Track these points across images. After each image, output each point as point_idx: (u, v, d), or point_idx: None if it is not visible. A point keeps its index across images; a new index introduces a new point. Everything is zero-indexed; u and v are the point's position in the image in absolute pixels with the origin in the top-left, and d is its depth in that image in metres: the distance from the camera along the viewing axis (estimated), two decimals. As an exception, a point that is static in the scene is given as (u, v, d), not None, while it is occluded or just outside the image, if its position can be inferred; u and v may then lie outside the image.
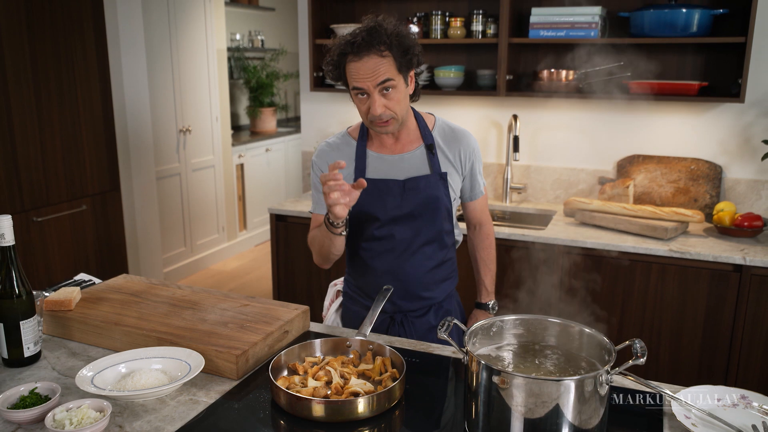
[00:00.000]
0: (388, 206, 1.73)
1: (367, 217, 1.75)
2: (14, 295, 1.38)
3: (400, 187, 1.72)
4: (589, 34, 2.77)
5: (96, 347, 1.53)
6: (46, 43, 3.25)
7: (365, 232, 1.77)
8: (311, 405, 1.21)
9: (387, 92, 1.60)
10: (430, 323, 1.81)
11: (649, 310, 2.56)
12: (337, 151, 1.78)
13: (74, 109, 3.44)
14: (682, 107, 2.92)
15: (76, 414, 1.15)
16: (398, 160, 1.75)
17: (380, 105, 1.60)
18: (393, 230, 1.74)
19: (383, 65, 1.58)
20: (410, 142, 1.76)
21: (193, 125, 4.87)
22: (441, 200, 1.75)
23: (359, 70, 1.58)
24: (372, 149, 1.77)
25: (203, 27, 4.89)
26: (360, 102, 1.63)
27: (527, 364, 1.26)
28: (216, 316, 1.58)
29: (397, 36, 1.59)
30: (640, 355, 1.12)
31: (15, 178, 3.16)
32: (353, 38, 1.58)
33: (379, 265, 1.78)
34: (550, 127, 3.18)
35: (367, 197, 1.72)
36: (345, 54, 1.60)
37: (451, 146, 1.78)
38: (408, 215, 1.73)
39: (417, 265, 1.78)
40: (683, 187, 2.92)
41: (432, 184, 1.74)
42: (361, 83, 1.59)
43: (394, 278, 1.77)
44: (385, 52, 1.58)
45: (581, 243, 2.58)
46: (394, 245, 1.75)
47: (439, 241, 1.80)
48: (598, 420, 1.14)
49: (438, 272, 1.82)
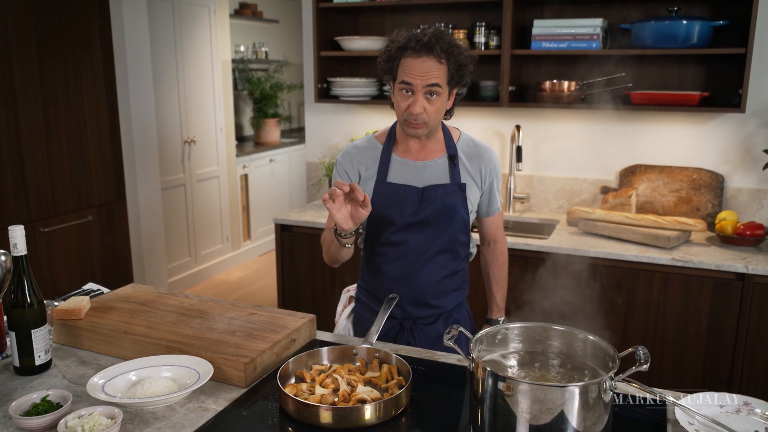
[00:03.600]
0: (405, 212, 1.75)
1: (384, 222, 1.77)
2: (26, 304, 1.41)
3: (419, 194, 1.75)
4: (590, 46, 2.80)
5: (106, 355, 1.55)
6: (54, 56, 3.29)
7: (381, 236, 1.80)
8: (319, 412, 1.23)
9: (431, 97, 1.64)
10: (439, 331, 1.82)
11: (652, 319, 2.57)
12: (363, 152, 1.81)
13: (81, 120, 3.48)
14: (684, 117, 2.94)
15: (88, 421, 1.16)
16: (420, 167, 1.78)
17: (420, 105, 1.64)
18: (407, 236, 1.77)
19: (437, 70, 1.63)
20: (434, 151, 1.80)
21: (198, 136, 4.91)
22: (457, 210, 1.77)
23: (415, 67, 1.62)
24: (397, 153, 1.80)
25: (208, 39, 4.94)
26: (402, 98, 1.67)
27: (532, 371, 1.27)
28: (224, 324, 1.60)
29: (457, 49, 1.65)
30: (644, 361, 1.13)
31: (22, 189, 3.19)
32: (420, 36, 1.63)
33: (392, 270, 1.80)
34: (553, 138, 3.20)
35: (386, 201, 1.75)
36: (405, 48, 1.64)
37: (473, 160, 1.81)
38: (423, 222, 1.76)
39: (429, 273, 1.79)
40: (685, 196, 2.93)
41: (450, 194, 1.76)
42: (412, 79, 1.63)
43: (405, 284, 1.79)
44: (443, 60, 1.63)
45: (584, 252, 2.60)
46: (407, 251, 1.77)
47: (452, 250, 1.81)
48: (602, 426, 1.15)
49: (449, 282, 1.83)
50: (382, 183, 1.77)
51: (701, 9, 2.79)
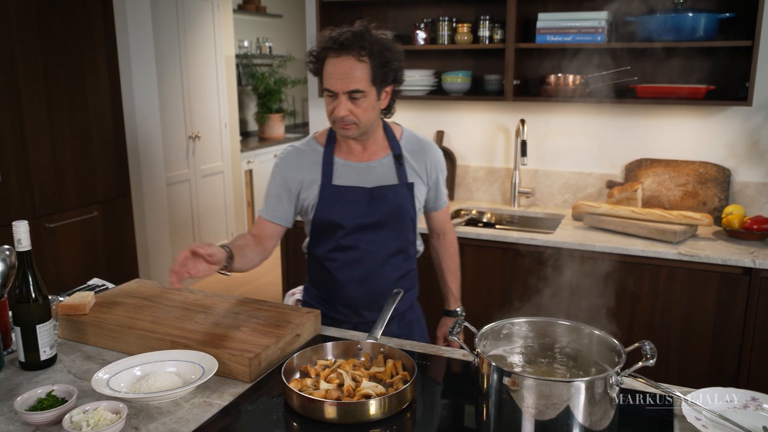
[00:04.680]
0: (353, 214, 1.72)
1: (330, 226, 1.73)
2: (31, 299, 1.41)
3: (367, 195, 1.72)
4: (595, 39, 2.79)
5: (110, 351, 1.55)
6: (58, 51, 3.29)
7: (330, 241, 1.76)
8: (324, 407, 1.23)
9: (355, 99, 1.61)
10: (393, 333, 1.80)
11: (658, 314, 2.56)
12: (303, 155, 1.77)
13: (85, 116, 3.48)
14: (690, 111, 2.93)
15: (92, 416, 1.16)
16: (365, 168, 1.75)
17: (345, 108, 1.61)
18: (359, 240, 1.74)
19: (358, 71, 1.59)
20: (377, 151, 1.77)
21: (202, 132, 4.91)
22: (407, 210, 1.77)
23: (335, 69, 1.60)
24: (339, 156, 1.76)
25: (212, 34, 4.93)
26: (327, 101, 1.65)
27: (537, 366, 1.27)
28: (228, 320, 1.59)
29: (380, 46, 1.61)
30: (650, 356, 1.13)
31: (27, 185, 3.20)
32: (338, 36, 1.60)
33: (347, 275, 1.76)
34: (558, 132, 3.19)
35: (331, 204, 1.71)
36: (327, 49, 1.62)
37: (418, 157, 1.80)
38: (375, 224, 1.73)
39: (384, 276, 1.78)
40: (692, 190, 2.92)
41: (400, 194, 1.75)
42: (332, 86, 1.60)
43: (360, 289, 1.77)
44: (363, 58, 1.59)
45: (590, 247, 2.59)
46: (360, 256, 1.75)
47: (405, 251, 1.82)
48: (608, 422, 1.14)
49: (403, 283, 1.83)
50: (327, 186, 1.72)
51: (707, 1, 2.77)
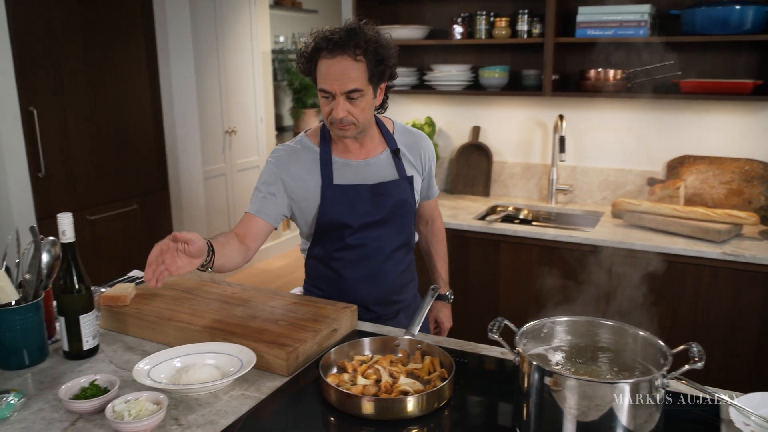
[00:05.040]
0: (359, 212, 1.70)
1: (337, 226, 1.71)
2: (74, 290, 1.43)
3: (370, 193, 1.71)
4: (638, 33, 2.72)
5: (150, 342, 1.57)
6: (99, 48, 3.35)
7: (334, 241, 1.74)
8: (361, 402, 1.22)
9: (353, 99, 1.58)
10: (401, 324, 1.81)
11: (700, 315, 2.50)
12: (298, 155, 1.72)
13: (125, 111, 3.54)
14: (735, 106, 2.84)
15: (134, 406, 1.18)
16: (364, 166, 1.73)
17: (343, 109, 1.57)
18: (365, 237, 1.73)
19: (354, 70, 1.55)
20: (374, 147, 1.75)
21: (239, 126, 4.96)
22: (410, 204, 1.77)
23: (330, 70, 1.55)
24: (337, 155, 1.73)
25: (248, 30, 4.97)
26: (324, 103, 1.61)
27: (579, 366, 1.24)
28: (266, 313, 1.60)
29: (375, 44, 1.57)
30: (698, 359, 1.09)
31: (70, 179, 3.27)
32: (331, 35, 1.55)
33: (354, 274, 1.76)
34: (597, 128, 3.13)
35: (337, 205, 1.69)
36: (320, 49, 1.56)
37: (412, 149, 1.80)
38: (380, 221, 1.72)
39: (390, 270, 1.78)
40: (737, 188, 2.83)
41: (401, 189, 1.74)
42: (329, 86, 1.56)
43: (368, 286, 1.77)
44: (359, 57, 1.55)
45: (630, 245, 2.53)
46: (367, 253, 1.74)
47: (408, 245, 1.82)
48: (653, 425, 1.11)
49: (406, 275, 1.85)
50: (329, 187, 1.69)
51: (756, -7, 2.68)
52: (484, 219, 2.98)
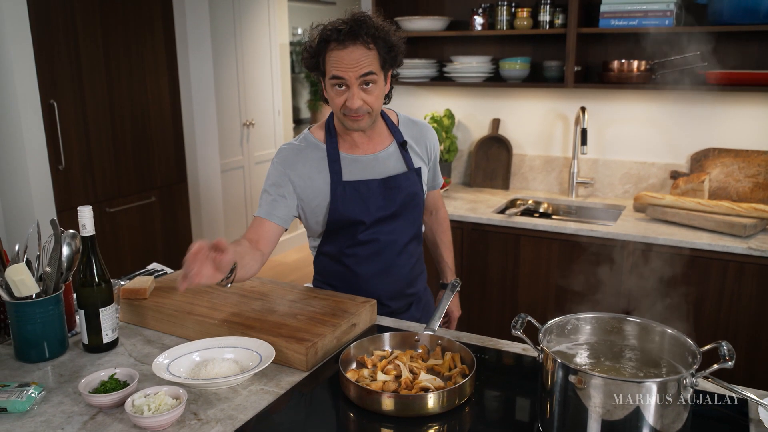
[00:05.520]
0: (372, 208, 1.68)
1: (350, 223, 1.69)
2: (94, 283, 1.43)
3: (381, 187, 1.68)
4: (663, 23, 2.66)
5: (170, 335, 1.57)
6: (119, 41, 3.35)
7: (347, 238, 1.72)
8: (381, 399, 1.21)
9: (367, 87, 1.55)
10: (414, 317, 1.82)
11: (724, 311, 2.45)
12: (304, 153, 1.69)
13: (144, 104, 3.55)
14: (763, 98, 2.77)
15: (154, 400, 1.17)
16: (373, 160, 1.71)
17: (358, 98, 1.54)
18: (378, 232, 1.71)
19: (368, 58, 1.53)
20: (382, 140, 1.73)
21: (256, 119, 4.96)
22: (419, 196, 1.76)
23: (343, 59, 1.52)
24: (345, 151, 1.70)
25: (266, 22, 4.96)
26: (337, 93, 1.57)
27: (604, 363, 1.21)
28: (284, 307, 1.59)
29: (383, 31, 1.56)
30: (728, 358, 1.06)
31: (89, 171, 3.28)
32: (340, 26, 1.52)
33: (367, 270, 1.74)
34: (620, 120, 3.07)
35: (349, 202, 1.66)
36: (328, 41, 1.53)
37: (418, 140, 1.79)
38: (392, 215, 1.71)
39: (403, 264, 1.77)
40: (763, 182, 2.77)
41: (411, 181, 1.73)
42: (343, 73, 1.52)
43: (381, 280, 1.76)
44: (371, 45, 1.53)
45: (653, 239, 2.49)
46: (380, 248, 1.72)
47: (418, 237, 1.81)
48: (681, 425, 1.09)
49: (417, 267, 1.84)
50: (339, 184, 1.66)
51: (786, -18, 2.61)
52: (504, 212, 2.94)
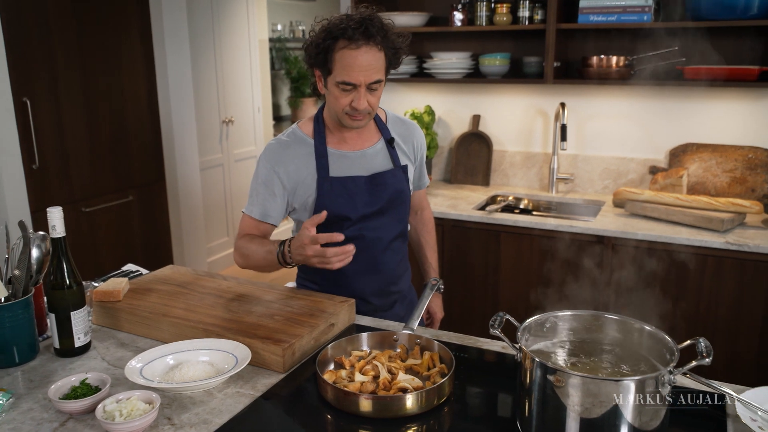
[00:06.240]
0: (358, 204, 1.68)
1: (336, 219, 1.68)
2: (65, 286, 1.40)
3: (367, 183, 1.69)
4: (642, 18, 2.67)
5: (144, 338, 1.54)
6: (94, 38, 3.30)
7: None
8: (359, 400, 1.19)
9: (373, 90, 1.57)
10: (398, 315, 1.81)
11: (703, 306, 2.47)
12: (292, 149, 1.68)
13: (120, 101, 3.50)
14: (740, 93, 2.79)
15: (125, 405, 1.15)
16: (360, 156, 1.71)
17: (365, 101, 1.56)
18: (364, 229, 1.71)
19: (379, 61, 1.54)
20: (370, 137, 1.74)
21: (236, 116, 4.91)
22: (405, 193, 1.76)
23: (357, 61, 1.51)
24: (333, 146, 1.70)
25: (245, 18, 4.91)
26: (343, 94, 1.56)
27: (583, 362, 1.21)
28: (262, 308, 1.57)
29: (391, 32, 1.56)
30: (706, 355, 1.06)
31: (65, 170, 3.23)
32: (355, 24, 1.50)
33: (353, 266, 1.69)
34: (599, 116, 3.08)
35: (336, 198, 1.66)
36: (337, 39, 1.51)
37: (406, 139, 1.79)
38: (378, 212, 1.71)
39: (388, 261, 1.77)
40: (740, 176, 2.79)
41: (397, 179, 1.73)
42: (354, 78, 1.52)
43: (367, 277, 1.75)
44: (381, 47, 1.53)
45: (632, 235, 2.50)
46: (366, 244, 1.71)
47: (403, 235, 1.81)
48: (659, 422, 1.08)
49: (402, 265, 1.84)
50: (326, 179, 1.66)
51: (762, -23, 2.63)
52: (484, 209, 2.94)
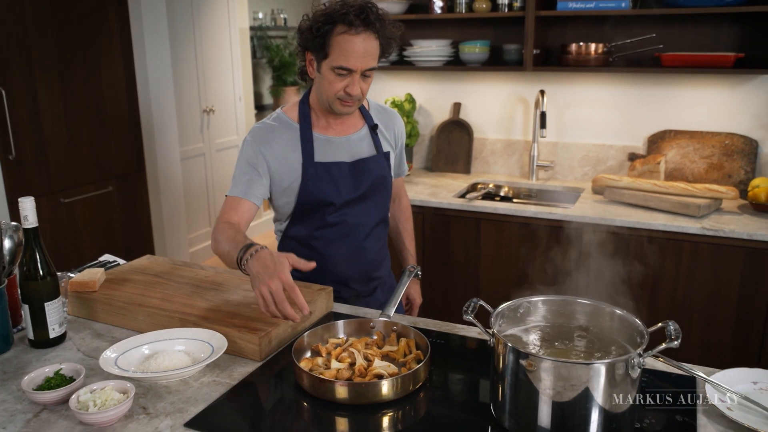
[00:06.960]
0: (342, 190, 1.69)
1: (319, 204, 1.69)
2: (38, 276, 1.39)
3: (351, 169, 1.70)
4: (620, 5, 2.68)
5: (120, 328, 1.53)
6: (71, 27, 3.25)
7: (316, 220, 1.72)
8: (334, 387, 1.20)
9: (366, 77, 1.59)
10: (379, 300, 1.83)
11: (680, 290, 2.50)
12: (278, 133, 1.68)
13: (99, 91, 3.45)
14: (717, 80, 2.82)
15: (99, 395, 1.14)
16: (345, 142, 1.72)
17: (359, 87, 1.58)
18: (346, 214, 1.72)
19: (375, 49, 1.56)
20: (354, 124, 1.76)
21: (217, 105, 4.87)
22: (388, 180, 1.78)
23: (355, 47, 1.52)
24: (318, 131, 1.71)
25: (225, 6, 4.86)
26: (337, 78, 1.57)
27: (555, 346, 1.22)
28: (239, 297, 1.57)
29: (387, 21, 1.57)
30: (674, 337, 1.08)
31: (42, 161, 3.19)
32: (356, 11, 1.50)
33: (335, 252, 1.74)
34: (579, 103, 3.10)
35: (320, 183, 1.67)
36: (336, 23, 1.51)
37: (387, 126, 1.82)
38: (360, 197, 1.72)
39: (371, 247, 1.79)
40: (717, 162, 2.83)
41: (380, 165, 1.75)
42: (352, 64, 1.53)
43: (350, 263, 1.77)
44: (377, 35, 1.55)
45: (610, 221, 2.52)
46: (348, 230, 1.73)
47: (384, 221, 1.83)
48: (629, 404, 1.10)
49: (383, 251, 1.86)
50: (310, 164, 1.66)
51: (738, -36, 2.65)
52: (465, 197, 2.95)
